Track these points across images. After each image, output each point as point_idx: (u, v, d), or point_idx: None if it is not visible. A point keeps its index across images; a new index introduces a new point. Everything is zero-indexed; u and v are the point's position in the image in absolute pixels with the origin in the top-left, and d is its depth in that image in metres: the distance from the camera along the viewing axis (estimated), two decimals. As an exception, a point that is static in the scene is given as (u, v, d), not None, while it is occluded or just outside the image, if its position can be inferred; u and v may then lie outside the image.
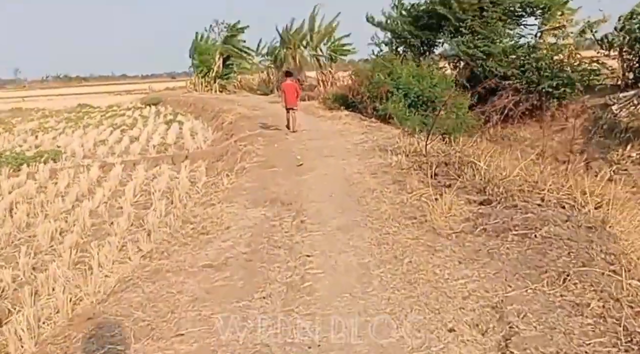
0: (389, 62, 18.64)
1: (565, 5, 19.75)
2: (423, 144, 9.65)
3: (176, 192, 11.15)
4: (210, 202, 8.23)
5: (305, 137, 13.20)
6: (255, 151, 12.09)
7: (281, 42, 36.05)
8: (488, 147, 9.77)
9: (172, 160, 15.03)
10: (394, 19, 24.34)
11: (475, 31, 20.64)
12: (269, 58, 39.32)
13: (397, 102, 16.75)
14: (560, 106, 17.92)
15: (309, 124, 15.49)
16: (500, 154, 8.74)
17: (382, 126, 13.80)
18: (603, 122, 15.58)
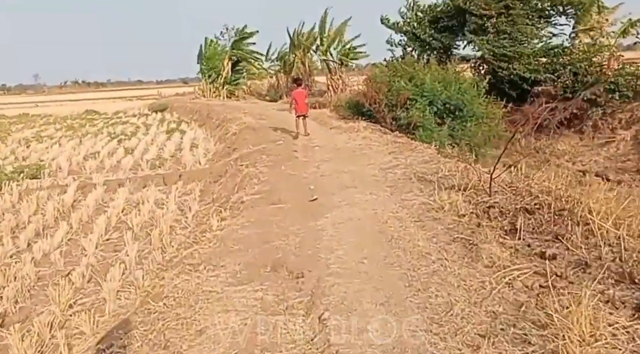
0: (410, 66, 15.75)
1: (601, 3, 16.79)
2: (476, 172, 6.80)
3: (156, 230, 8.36)
4: (188, 264, 5.42)
5: (319, 156, 10.36)
6: (258, 175, 9.26)
7: (290, 46, 33.29)
8: (568, 179, 6.86)
9: (163, 180, 12.24)
10: (411, 21, 21.49)
11: (501, 30, 17.75)
12: (278, 63, 36.68)
13: (420, 110, 13.90)
14: (604, 114, 14.97)
15: (322, 138, 12.63)
16: (609, 197, 5.81)
17: (410, 142, 10.88)
18: None
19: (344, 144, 11.44)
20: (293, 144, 12.27)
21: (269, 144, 12.73)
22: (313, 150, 11.13)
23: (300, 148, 11.51)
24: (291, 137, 13.28)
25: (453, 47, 21.09)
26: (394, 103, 14.50)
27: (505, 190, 6.25)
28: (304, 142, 12.30)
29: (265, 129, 15.53)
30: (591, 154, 14.39)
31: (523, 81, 17.43)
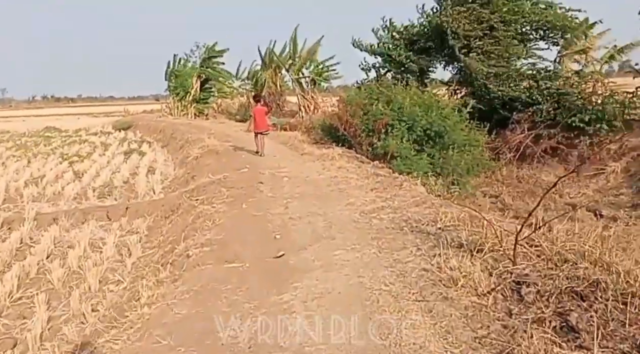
0: (387, 88, 14.21)
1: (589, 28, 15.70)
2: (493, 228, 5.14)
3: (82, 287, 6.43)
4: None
5: (288, 189, 8.58)
6: (213, 216, 7.41)
7: (262, 65, 31.64)
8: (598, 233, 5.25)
9: (107, 214, 10.24)
10: (386, 43, 20.11)
11: (486, 51, 16.51)
12: (249, 82, 34.94)
13: (398, 137, 12.33)
14: (591, 145, 13.69)
15: (292, 166, 10.89)
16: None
17: (394, 176, 9.17)
18: None
19: (317, 175, 9.70)
20: (259, 173, 10.47)
21: (232, 172, 10.90)
22: (281, 182, 9.36)
23: (267, 179, 9.72)
24: (257, 164, 11.52)
25: (429, 70, 19.76)
26: (370, 128, 12.91)
27: (527, 252, 4.60)
28: (271, 171, 10.53)
29: (230, 153, 13.70)
30: (579, 187, 13.07)
31: (505, 105, 16.14)
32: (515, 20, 16.84)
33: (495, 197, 14.26)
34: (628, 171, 12.31)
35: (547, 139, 14.49)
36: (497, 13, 16.97)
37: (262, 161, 12.09)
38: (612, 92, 14.09)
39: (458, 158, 12.44)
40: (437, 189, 10.79)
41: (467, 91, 17.40)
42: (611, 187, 12.24)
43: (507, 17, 16.90)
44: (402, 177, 8.84)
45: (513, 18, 16.88)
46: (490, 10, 17.09)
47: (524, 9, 16.85)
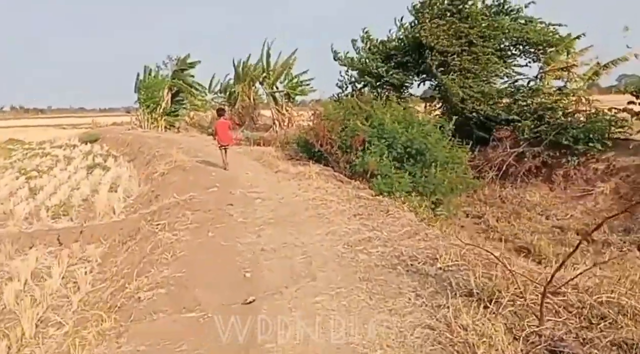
0: (366, 103, 13.37)
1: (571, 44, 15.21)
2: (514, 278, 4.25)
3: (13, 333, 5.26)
4: None
5: (261, 213, 7.56)
6: (174, 246, 6.33)
7: (235, 78, 30.61)
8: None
9: (58, 238, 9.00)
10: (363, 56, 19.38)
11: (465, 68, 15.87)
12: (222, 95, 33.81)
13: (377, 154, 11.45)
14: (577, 164, 13.07)
15: (266, 186, 9.87)
16: None
17: (379, 199, 8.24)
18: None
19: (293, 196, 8.70)
20: (229, 193, 9.41)
21: (200, 191, 9.81)
22: (254, 204, 8.32)
23: (238, 200, 8.68)
24: (228, 182, 10.47)
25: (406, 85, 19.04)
26: (348, 145, 12.02)
27: (551, 302, 3.70)
28: (242, 191, 9.49)
29: (199, 170, 12.58)
30: (566, 208, 12.40)
31: (486, 122, 15.51)
32: (495, 36, 16.29)
33: (479, 218, 13.48)
34: (618, 193, 11.69)
35: (530, 157, 13.84)
36: (476, 28, 16.40)
37: (233, 179, 11.04)
38: (596, 109, 13.55)
39: (441, 177, 11.61)
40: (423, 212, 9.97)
41: (446, 108, 16.72)
42: (601, 209, 11.60)
43: (487, 33, 16.33)
44: (387, 200, 7.93)
45: (493, 33, 16.32)
46: (469, 25, 16.52)
47: (504, 24, 16.35)
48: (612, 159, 12.43)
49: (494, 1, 17.23)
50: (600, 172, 12.66)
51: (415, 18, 18.06)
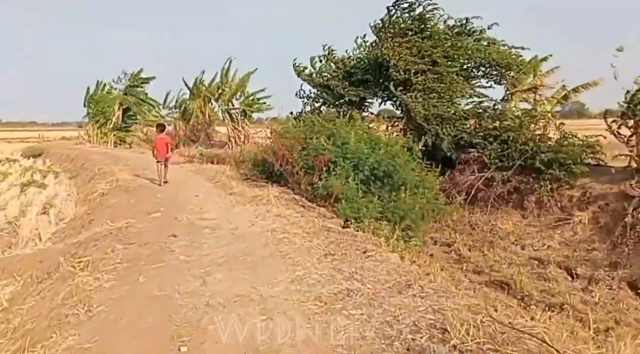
0: (328, 121, 12.08)
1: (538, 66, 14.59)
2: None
3: None
4: None
5: (210, 249, 6.02)
6: (91, 297, 4.72)
7: (190, 94, 28.89)
8: None
9: (-43, 275, 7.11)
10: (324, 72, 18.26)
11: (428, 87, 14.94)
12: (177, 111, 31.96)
13: (343, 176, 10.15)
14: (551, 190, 12.20)
15: (218, 211, 8.32)
16: None
17: (353, 233, 6.84)
18: (636, 223, 9.84)
19: (249, 225, 7.20)
20: (174, 220, 7.83)
21: (141, 216, 8.17)
22: (202, 235, 6.77)
23: (183, 229, 7.10)
24: (174, 206, 8.88)
25: (365, 104, 17.96)
26: (310, 165, 10.67)
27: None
28: (190, 217, 7.91)
29: (143, 190, 10.89)
30: (542, 237, 11.45)
31: (449, 144, 14.56)
32: (459, 56, 15.53)
33: (448, 246, 12.34)
34: (597, 222, 10.81)
35: (500, 182, 12.91)
36: (439, 48, 15.59)
37: (181, 202, 9.44)
38: (566, 134, 12.81)
39: (411, 202, 10.42)
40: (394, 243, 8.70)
41: (408, 127, 15.71)
42: (580, 240, 10.67)
43: (451, 53, 15.56)
44: (361, 234, 6.55)
45: (456, 53, 15.57)
46: (432, 44, 15.71)
47: (467, 44, 15.62)
48: (587, 186, 11.60)
49: (457, 22, 16.55)
50: (576, 200, 11.77)
51: (376, 36, 17.13)
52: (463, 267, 10.92)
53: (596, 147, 12.42)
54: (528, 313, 8.91)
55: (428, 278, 4.73)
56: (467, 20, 16.34)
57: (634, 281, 9.12)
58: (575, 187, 11.80)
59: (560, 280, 9.64)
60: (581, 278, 9.30)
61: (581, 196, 11.52)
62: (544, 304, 8.78)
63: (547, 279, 9.43)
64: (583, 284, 9.54)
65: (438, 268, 9.58)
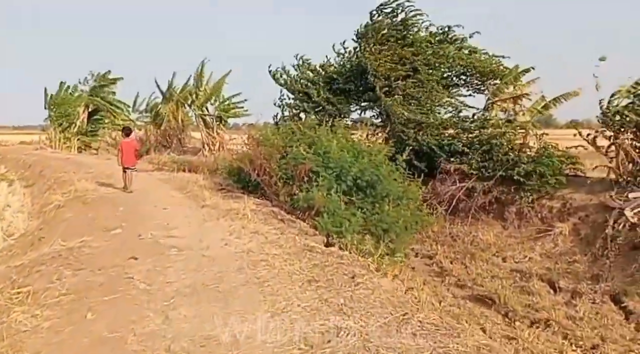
0: (309, 128, 11.34)
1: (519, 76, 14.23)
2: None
3: None
4: None
5: (176, 277, 5.15)
6: (27, 338, 3.82)
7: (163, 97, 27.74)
8: None
9: None
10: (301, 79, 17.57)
11: (409, 94, 14.47)
12: (147, 115, 30.63)
13: (325, 188, 9.42)
14: (532, 201, 11.78)
15: (188, 229, 7.43)
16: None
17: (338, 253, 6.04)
18: (617, 234, 9.44)
19: (222, 244, 6.35)
20: (137, 238, 6.92)
21: (98, 234, 7.23)
22: (167, 257, 5.89)
23: (146, 250, 6.21)
24: (138, 221, 7.97)
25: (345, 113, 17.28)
26: (290, 175, 9.91)
27: None
28: (155, 234, 7.02)
29: (104, 202, 9.89)
30: (523, 249, 10.98)
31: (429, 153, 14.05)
32: (440, 64, 15.09)
33: (429, 258, 11.79)
34: (578, 234, 10.41)
35: (481, 193, 12.43)
36: (421, 55, 15.13)
37: (147, 215, 8.51)
38: (546, 144, 12.43)
39: (395, 214, 9.76)
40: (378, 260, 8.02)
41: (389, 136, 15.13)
42: (562, 252, 10.24)
43: (432, 60, 15.10)
44: (347, 254, 5.80)
45: (438, 61, 15.12)
46: (413, 51, 15.23)
47: (449, 53, 15.19)
48: (567, 197, 11.23)
49: (438, 29, 16.13)
50: (557, 211, 11.39)
51: (358, 44, 16.56)
52: (445, 280, 10.41)
53: (576, 158, 12.09)
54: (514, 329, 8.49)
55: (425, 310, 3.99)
56: (449, 28, 15.97)
57: (617, 295, 8.69)
58: (556, 198, 11.44)
59: (544, 294, 9.19)
60: (564, 291, 8.85)
61: (561, 207, 11.15)
62: (529, 319, 8.37)
63: (531, 293, 8.97)
64: (566, 297, 9.11)
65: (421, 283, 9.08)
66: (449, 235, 12.55)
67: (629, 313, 8.23)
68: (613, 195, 10.29)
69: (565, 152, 12.15)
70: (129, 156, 11.08)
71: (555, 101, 13.26)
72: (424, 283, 9.48)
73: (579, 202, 11.01)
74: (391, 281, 4.87)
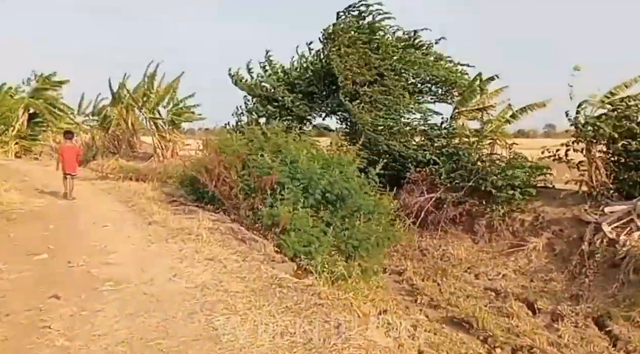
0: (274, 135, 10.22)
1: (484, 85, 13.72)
2: None
3: None
4: None
5: (108, 327, 3.92)
6: None
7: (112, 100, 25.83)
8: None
9: None
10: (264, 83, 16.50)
11: (375, 100, 13.70)
12: (94, 118, 28.54)
13: (291, 202, 8.37)
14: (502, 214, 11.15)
15: (129, 255, 6.14)
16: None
17: (312, 286, 4.94)
18: (595, 251, 8.85)
19: (169, 275, 5.13)
20: (66, 266, 5.61)
21: (18, 259, 5.86)
22: (99, 294, 4.64)
23: (73, 286, 4.92)
24: (68, 245, 6.63)
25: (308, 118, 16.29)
26: (252, 187, 8.78)
27: None
28: (87, 262, 5.73)
29: (32, 219, 8.39)
30: (495, 265, 10.28)
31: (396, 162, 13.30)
32: (407, 70, 14.42)
33: (399, 275, 10.92)
34: (553, 250, 9.80)
35: (451, 204, 11.71)
36: (387, 60, 14.38)
37: (80, 235, 7.16)
38: (516, 154, 11.89)
39: (366, 230, 8.83)
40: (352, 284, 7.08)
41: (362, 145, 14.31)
42: (536, 269, 9.59)
43: (398, 66, 14.39)
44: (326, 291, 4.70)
45: (404, 67, 14.43)
46: (380, 56, 14.46)
47: (415, 59, 14.54)
48: (539, 210, 10.65)
49: (405, 34, 15.48)
50: (529, 225, 10.78)
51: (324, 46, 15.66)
52: (417, 300, 9.51)
53: (546, 169, 11.57)
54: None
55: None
56: (416, 32, 15.34)
57: (600, 317, 7.99)
58: (527, 212, 10.85)
59: (522, 316, 8.40)
60: (543, 312, 8.09)
61: (533, 220, 10.57)
62: (510, 346, 7.61)
63: (509, 315, 8.17)
64: (546, 320, 8.37)
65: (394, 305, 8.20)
66: (418, 249, 11.75)
67: (615, 338, 7.55)
68: (588, 209, 9.79)
69: (536, 163, 11.59)
70: (70, 162, 10.66)
71: (522, 111, 12.79)
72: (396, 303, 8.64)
73: (552, 215, 10.45)
74: (384, 336, 3.84)
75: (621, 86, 10.50)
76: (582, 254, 9.18)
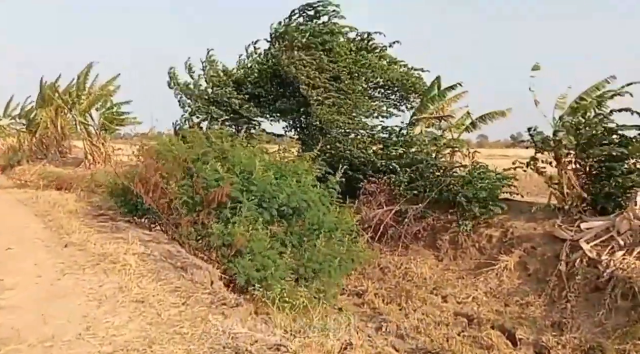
0: (220, 140, 8.71)
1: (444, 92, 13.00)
2: None
3: None
4: None
5: None
6: None
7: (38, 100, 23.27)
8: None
9: None
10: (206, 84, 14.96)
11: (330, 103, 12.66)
12: (22, 121, 25.77)
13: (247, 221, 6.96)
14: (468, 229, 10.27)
15: (30, 293, 4.49)
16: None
17: (269, 339, 3.64)
18: (574, 272, 8.09)
19: (79, 330, 3.58)
20: None
21: None
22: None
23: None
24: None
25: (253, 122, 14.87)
26: (197, 201, 7.27)
27: None
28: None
29: None
30: (464, 285, 9.32)
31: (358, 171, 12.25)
32: (363, 73, 13.48)
33: (358, 296, 9.74)
34: (526, 269, 8.94)
35: (412, 218, 10.74)
36: (341, 63, 13.35)
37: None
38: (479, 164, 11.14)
39: (328, 252, 7.54)
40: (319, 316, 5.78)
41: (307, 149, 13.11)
42: (510, 291, 8.70)
43: (354, 69, 13.40)
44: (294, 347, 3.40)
45: (360, 71, 13.46)
46: (333, 58, 13.41)
47: (370, 62, 13.63)
48: (508, 225, 9.83)
49: (357, 36, 14.56)
50: (496, 241, 9.93)
51: (273, 44, 14.38)
52: (382, 328, 8.26)
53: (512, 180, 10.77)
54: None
55: None
56: (369, 34, 14.44)
57: (590, 350, 7.05)
58: (494, 226, 10.01)
59: (502, 348, 7.33)
60: (525, 344, 7.09)
61: (502, 236, 9.73)
62: None
63: (486, 347, 7.13)
64: (529, 352, 7.39)
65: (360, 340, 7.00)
66: (377, 267, 10.59)
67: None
68: (562, 225, 9.05)
69: (501, 173, 10.82)
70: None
71: (482, 119, 12.13)
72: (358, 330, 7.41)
73: (522, 231, 9.66)
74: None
75: (593, 89, 9.86)
76: (560, 275, 8.34)
